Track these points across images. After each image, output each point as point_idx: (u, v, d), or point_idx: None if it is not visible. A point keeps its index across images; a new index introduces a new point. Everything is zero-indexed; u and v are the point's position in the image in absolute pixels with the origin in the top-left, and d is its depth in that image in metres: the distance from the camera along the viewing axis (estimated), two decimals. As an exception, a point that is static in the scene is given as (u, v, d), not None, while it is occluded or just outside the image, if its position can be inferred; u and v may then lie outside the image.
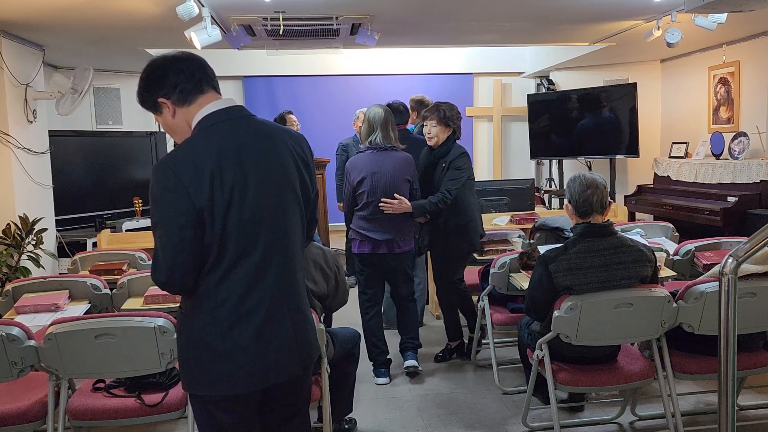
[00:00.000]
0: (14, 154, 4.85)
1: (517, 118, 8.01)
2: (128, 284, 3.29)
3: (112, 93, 6.96)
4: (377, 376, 3.87)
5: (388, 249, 3.78)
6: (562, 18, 4.95)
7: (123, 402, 2.59)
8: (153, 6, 4.19)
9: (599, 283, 2.69)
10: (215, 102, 1.78)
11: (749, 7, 3.69)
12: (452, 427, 3.26)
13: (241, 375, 1.72)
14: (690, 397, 3.46)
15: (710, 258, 3.57)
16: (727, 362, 1.88)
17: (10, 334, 2.40)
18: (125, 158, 6.78)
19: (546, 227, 3.78)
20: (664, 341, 2.86)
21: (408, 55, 7.83)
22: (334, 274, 2.88)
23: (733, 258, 1.83)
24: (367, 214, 3.77)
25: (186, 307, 1.77)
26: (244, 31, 4.86)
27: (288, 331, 1.78)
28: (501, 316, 3.70)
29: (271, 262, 1.75)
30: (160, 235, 1.67)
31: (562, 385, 2.82)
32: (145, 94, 1.80)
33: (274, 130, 1.83)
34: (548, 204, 7.57)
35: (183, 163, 1.66)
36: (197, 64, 1.79)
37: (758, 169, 5.43)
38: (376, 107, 3.83)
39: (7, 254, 4.60)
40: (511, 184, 5.70)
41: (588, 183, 2.75)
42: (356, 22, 4.76)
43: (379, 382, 3.83)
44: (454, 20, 4.99)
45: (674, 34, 4.80)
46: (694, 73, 6.75)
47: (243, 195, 1.70)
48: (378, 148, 3.77)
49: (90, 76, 5.24)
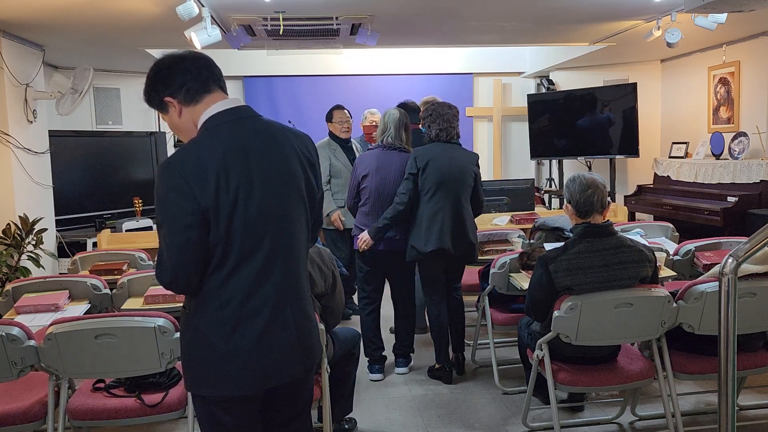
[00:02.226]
0: (14, 154, 4.85)
1: (517, 118, 8.00)
2: (128, 284, 3.30)
3: (112, 93, 6.96)
4: (371, 372, 3.91)
5: (386, 246, 3.81)
6: (562, 18, 4.95)
7: (123, 402, 2.59)
8: (153, 6, 4.19)
9: (599, 283, 2.69)
10: (222, 102, 1.77)
11: (749, 7, 3.69)
12: (452, 427, 3.26)
13: (244, 376, 1.72)
14: (690, 397, 3.46)
15: (710, 258, 3.57)
16: (727, 362, 1.88)
17: (10, 334, 2.40)
18: (125, 158, 6.77)
19: (546, 227, 3.78)
20: (664, 341, 2.86)
21: (408, 55, 7.82)
22: (331, 272, 2.89)
23: (733, 258, 1.83)
24: (368, 210, 3.84)
25: (190, 306, 1.76)
26: (244, 31, 4.86)
27: (291, 333, 1.78)
28: (501, 316, 3.70)
29: (276, 263, 1.75)
30: (164, 235, 1.67)
31: (562, 385, 2.82)
32: (151, 93, 1.79)
33: (279, 130, 1.83)
34: (548, 204, 7.58)
35: (188, 163, 1.66)
36: (204, 63, 1.79)
37: (758, 169, 5.43)
38: (393, 109, 3.95)
39: (7, 254, 4.60)
40: (511, 184, 5.71)
41: (588, 183, 2.76)
42: (356, 22, 4.76)
43: (372, 378, 3.88)
44: (454, 20, 5.00)
45: (674, 34, 4.80)
46: (694, 73, 6.75)
47: (248, 195, 1.70)
48: (387, 147, 3.85)
49: (90, 76, 5.24)
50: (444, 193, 3.66)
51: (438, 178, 3.65)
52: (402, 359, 3.99)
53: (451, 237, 3.66)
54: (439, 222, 3.64)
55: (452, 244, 3.67)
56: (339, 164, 4.81)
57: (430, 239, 3.63)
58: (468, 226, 3.74)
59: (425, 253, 3.65)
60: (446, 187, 3.66)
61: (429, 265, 3.76)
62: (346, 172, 4.71)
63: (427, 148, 3.74)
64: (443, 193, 3.66)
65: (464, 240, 3.72)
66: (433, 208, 3.65)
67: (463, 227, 3.71)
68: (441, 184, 3.65)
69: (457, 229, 3.68)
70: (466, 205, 3.75)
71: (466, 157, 3.78)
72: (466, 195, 3.74)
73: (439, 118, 3.76)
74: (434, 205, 3.65)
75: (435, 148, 3.73)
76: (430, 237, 3.63)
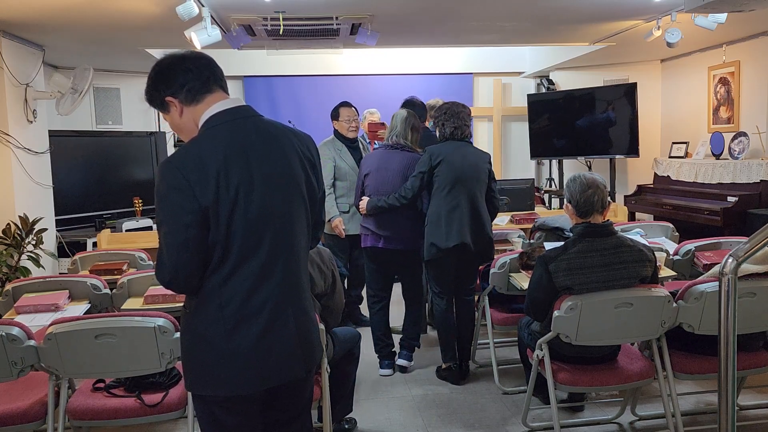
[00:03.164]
0: (14, 154, 4.85)
1: (517, 118, 8.00)
2: (128, 284, 3.30)
3: (112, 93, 6.95)
4: (381, 368, 3.97)
5: (385, 244, 3.84)
6: (562, 18, 4.95)
7: (123, 402, 2.59)
8: (153, 6, 4.19)
9: (599, 282, 2.69)
10: (222, 101, 1.78)
11: (749, 7, 3.69)
12: (452, 427, 3.26)
13: (244, 376, 1.72)
14: (690, 397, 3.46)
15: (710, 258, 3.57)
16: (727, 362, 1.88)
17: (10, 334, 2.40)
18: (125, 158, 6.77)
19: (546, 227, 3.78)
20: (664, 341, 2.86)
21: (408, 55, 7.82)
22: (331, 272, 2.89)
23: (733, 258, 1.83)
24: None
25: (190, 306, 1.76)
26: (244, 31, 4.86)
27: (292, 333, 1.78)
28: (501, 316, 3.71)
29: (276, 263, 1.75)
30: (165, 234, 1.67)
31: (562, 385, 2.82)
32: (153, 93, 1.80)
33: (280, 130, 1.83)
34: (548, 204, 7.57)
35: (189, 162, 1.66)
36: (206, 63, 1.79)
37: (758, 169, 5.43)
38: (402, 110, 4.00)
39: (7, 254, 4.60)
40: (511, 184, 5.71)
41: (588, 183, 2.76)
42: (356, 22, 4.76)
43: (383, 374, 3.94)
44: (454, 20, 5.00)
45: (674, 34, 4.80)
46: (694, 73, 6.75)
47: (248, 195, 1.70)
48: (391, 146, 3.89)
49: (90, 76, 5.24)
50: (460, 188, 3.67)
51: (454, 175, 3.66)
52: (406, 351, 4.01)
53: (471, 232, 3.66)
54: (458, 217, 3.64)
55: (472, 240, 3.67)
56: (345, 166, 4.54)
57: (451, 235, 3.63)
58: (485, 222, 3.75)
59: (446, 249, 3.64)
60: (462, 183, 3.67)
61: (442, 263, 3.74)
62: (352, 175, 4.48)
63: (441, 146, 3.76)
64: (460, 188, 3.67)
65: (483, 235, 3.72)
66: (451, 204, 3.66)
67: (481, 222, 3.72)
68: (457, 180, 3.66)
69: (475, 224, 3.69)
70: (482, 201, 3.75)
71: (479, 155, 3.80)
72: (481, 191, 3.75)
73: (454, 116, 3.78)
74: (451, 201, 3.66)
75: (448, 146, 3.75)
76: (450, 232, 3.63)
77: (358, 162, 4.46)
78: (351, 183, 4.45)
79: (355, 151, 4.65)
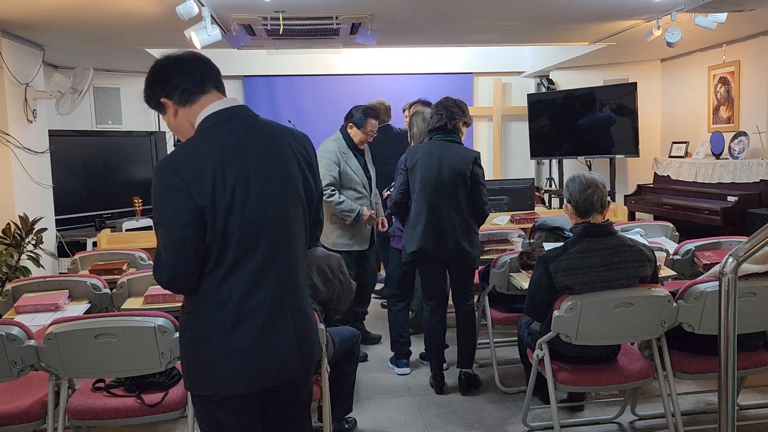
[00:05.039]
0: (14, 154, 4.84)
1: (517, 118, 8.00)
2: (128, 284, 3.30)
3: (112, 93, 6.95)
4: (398, 367, 4.00)
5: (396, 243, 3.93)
6: (562, 18, 4.95)
7: (123, 402, 2.59)
8: (153, 6, 4.18)
9: (599, 282, 2.69)
10: (218, 102, 1.78)
11: (749, 7, 3.69)
12: (452, 427, 3.26)
13: (243, 375, 1.73)
14: (690, 397, 3.46)
15: (710, 258, 3.57)
16: (727, 362, 1.88)
17: (10, 333, 2.40)
18: (125, 158, 6.77)
19: (546, 227, 3.78)
20: (664, 341, 2.86)
21: (408, 55, 7.82)
22: (338, 281, 2.88)
23: (733, 258, 1.83)
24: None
25: (188, 306, 1.77)
26: (244, 31, 4.86)
27: (290, 332, 1.78)
28: (501, 316, 3.70)
29: (274, 263, 1.76)
30: (162, 234, 1.68)
31: (562, 385, 2.82)
32: (149, 95, 1.81)
33: (277, 130, 1.83)
34: (548, 204, 7.57)
35: (185, 162, 1.66)
36: (200, 64, 1.80)
37: (758, 168, 5.43)
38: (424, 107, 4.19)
39: (7, 254, 4.60)
40: (511, 184, 5.71)
41: (588, 182, 2.76)
42: (356, 21, 4.76)
43: (400, 372, 3.97)
44: (454, 20, 4.99)
45: (674, 34, 4.80)
46: (694, 73, 6.75)
47: (245, 195, 1.70)
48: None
49: (90, 75, 5.23)
50: (423, 195, 3.56)
51: (420, 179, 3.57)
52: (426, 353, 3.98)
53: (434, 239, 3.54)
54: (421, 223, 3.57)
55: (435, 246, 3.54)
56: (352, 173, 4.15)
57: (413, 239, 3.59)
58: (457, 230, 3.52)
59: (408, 254, 3.65)
60: (426, 189, 3.55)
61: (424, 267, 3.70)
62: (357, 183, 4.16)
63: (420, 146, 3.70)
64: (423, 194, 3.57)
65: (450, 243, 3.52)
66: (417, 208, 3.60)
67: (446, 230, 3.52)
68: (424, 186, 3.56)
69: (439, 231, 3.53)
70: (453, 208, 3.53)
71: (461, 157, 3.56)
72: (453, 197, 3.53)
73: (443, 110, 3.65)
74: (418, 205, 3.60)
75: (429, 145, 3.64)
76: (413, 237, 3.59)
77: (363, 166, 4.24)
78: (355, 193, 4.17)
79: (360, 156, 4.35)
